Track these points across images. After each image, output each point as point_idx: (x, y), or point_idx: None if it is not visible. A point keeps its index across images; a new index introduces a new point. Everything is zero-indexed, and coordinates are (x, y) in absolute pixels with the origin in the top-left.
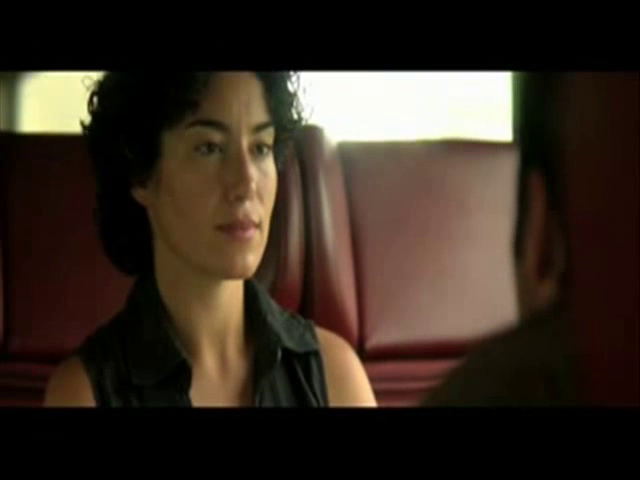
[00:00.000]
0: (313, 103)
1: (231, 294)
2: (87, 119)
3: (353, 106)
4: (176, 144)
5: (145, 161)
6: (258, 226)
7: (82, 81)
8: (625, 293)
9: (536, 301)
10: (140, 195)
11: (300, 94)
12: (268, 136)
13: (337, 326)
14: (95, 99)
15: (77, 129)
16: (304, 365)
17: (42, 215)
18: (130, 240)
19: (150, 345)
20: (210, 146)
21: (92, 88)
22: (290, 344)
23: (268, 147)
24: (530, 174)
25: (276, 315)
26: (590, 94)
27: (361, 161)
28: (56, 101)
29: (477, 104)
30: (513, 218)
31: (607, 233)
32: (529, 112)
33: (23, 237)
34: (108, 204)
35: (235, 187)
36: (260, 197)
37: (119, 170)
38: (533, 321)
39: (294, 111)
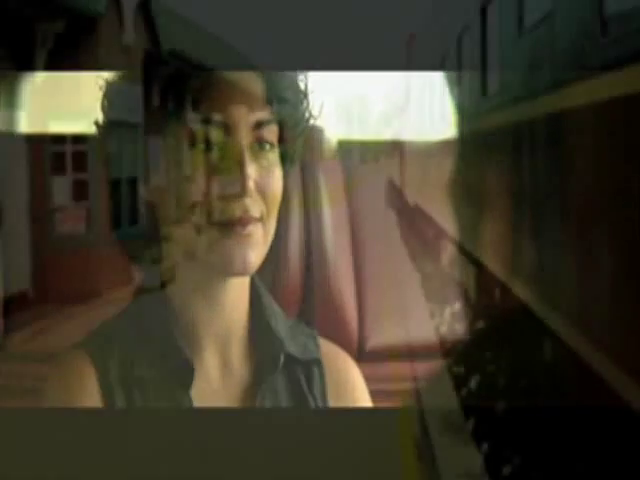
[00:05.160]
0: (319, 103)
1: (237, 296)
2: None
3: (353, 106)
4: (175, 140)
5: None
6: (260, 220)
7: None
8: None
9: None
10: (144, 191)
11: (305, 93)
12: (269, 133)
13: (337, 327)
14: (105, 101)
15: (77, 129)
16: (306, 372)
17: None
18: (138, 231)
19: (154, 342)
20: (209, 144)
21: (103, 88)
22: (293, 350)
23: (270, 144)
24: None
25: (280, 321)
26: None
27: (361, 161)
28: (56, 101)
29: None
30: None
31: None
32: None
33: None
34: (117, 196)
35: (232, 185)
36: (262, 193)
37: (124, 164)
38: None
39: (298, 109)
